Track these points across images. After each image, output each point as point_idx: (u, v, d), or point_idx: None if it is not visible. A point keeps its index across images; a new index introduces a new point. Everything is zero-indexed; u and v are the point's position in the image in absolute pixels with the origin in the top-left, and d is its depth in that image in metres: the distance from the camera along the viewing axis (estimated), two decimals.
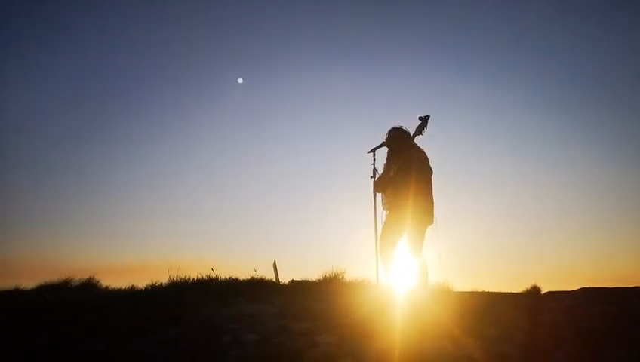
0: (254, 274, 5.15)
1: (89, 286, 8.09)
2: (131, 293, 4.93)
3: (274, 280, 6.42)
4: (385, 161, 6.73)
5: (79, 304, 4.73)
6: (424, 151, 6.33)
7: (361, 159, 7.00)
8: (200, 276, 4.78)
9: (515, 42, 14.51)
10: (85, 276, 8.39)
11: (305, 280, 5.21)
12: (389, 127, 6.75)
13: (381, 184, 6.64)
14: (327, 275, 5.01)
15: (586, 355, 2.57)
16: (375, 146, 6.91)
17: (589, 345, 2.66)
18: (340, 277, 4.99)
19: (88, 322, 3.98)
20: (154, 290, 4.68)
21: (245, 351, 3.01)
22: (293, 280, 6.94)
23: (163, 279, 5.09)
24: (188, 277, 4.76)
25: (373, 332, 3.16)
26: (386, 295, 4.25)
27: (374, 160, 6.93)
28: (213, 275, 4.85)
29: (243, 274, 5.29)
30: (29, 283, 8.08)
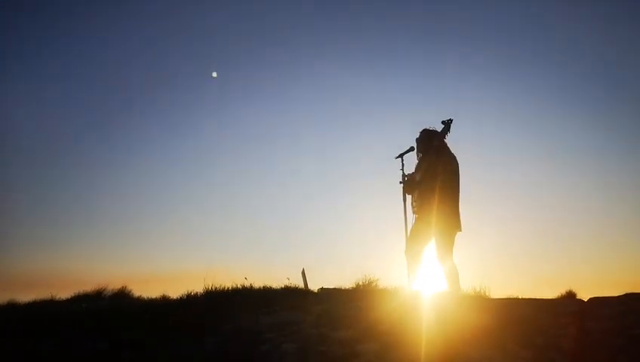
0: (288, 283, 5.13)
1: (121, 296, 8.20)
2: (167, 303, 4.96)
3: (303, 287, 6.39)
4: (417, 163, 6.65)
5: (112, 313, 4.78)
6: (455, 157, 6.24)
7: (391, 164, 6.94)
8: (235, 285, 4.79)
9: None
10: (117, 286, 8.53)
11: (339, 288, 5.15)
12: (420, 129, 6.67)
13: (409, 186, 6.56)
14: (361, 283, 4.95)
15: None
16: (403, 151, 6.85)
17: None
18: (374, 284, 4.93)
19: (120, 332, 4.01)
20: (189, 299, 4.70)
21: (285, 360, 2.98)
22: (322, 288, 6.90)
23: (195, 287, 5.11)
24: (222, 286, 4.77)
25: (415, 341, 3.10)
26: (423, 302, 4.18)
27: (403, 165, 6.86)
28: (247, 284, 4.85)
29: (270, 281, 5.26)
30: (64, 293, 8.25)
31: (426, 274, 6.10)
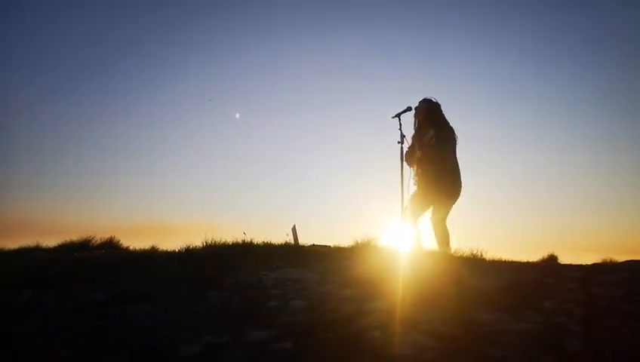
0: (287, 240, 5.11)
1: (110, 246, 8.10)
2: (166, 255, 4.90)
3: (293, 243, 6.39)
4: (413, 133, 6.59)
5: (110, 264, 4.71)
6: (453, 129, 6.19)
7: (388, 124, 6.83)
8: (235, 240, 4.74)
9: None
10: (105, 236, 8.40)
11: (340, 247, 5.17)
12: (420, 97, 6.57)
13: (409, 159, 6.53)
14: (360, 241, 4.96)
15: None
16: (399, 111, 6.75)
17: None
18: (373, 243, 4.94)
19: (125, 284, 3.95)
20: (189, 253, 4.64)
21: (296, 317, 2.97)
22: (314, 245, 6.92)
23: (186, 240, 5.04)
24: (222, 240, 4.72)
25: (424, 301, 3.11)
26: (425, 263, 4.20)
27: (400, 125, 6.79)
28: (247, 239, 4.81)
29: (261, 235, 5.23)
30: (49, 241, 8.11)
31: (423, 235, 6.15)
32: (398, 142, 6.74)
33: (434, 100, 6.50)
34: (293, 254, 4.46)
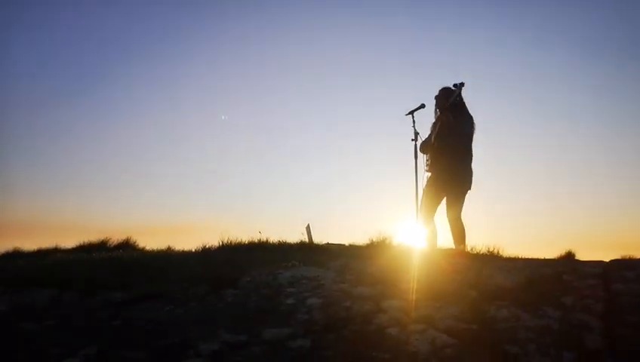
0: (303, 238, 5.13)
1: (127, 247, 8.19)
2: (183, 255, 4.94)
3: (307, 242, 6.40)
4: (434, 121, 6.53)
5: (130, 265, 4.76)
6: (471, 116, 6.11)
7: (402, 122, 6.79)
8: (251, 239, 4.77)
9: None
10: (121, 237, 8.49)
11: (355, 245, 5.17)
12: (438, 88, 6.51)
13: (424, 145, 6.47)
14: (375, 239, 4.96)
15: None
16: (413, 108, 6.70)
17: None
18: (388, 241, 4.93)
19: (143, 283, 4.00)
20: (205, 252, 4.68)
21: (312, 315, 2.97)
22: (328, 244, 6.92)
23: (201, 240, 5.06)
24: (238, 240, 4.75)
25: (441, 298, 3.10)
26: (440, 260, 4.18)
27: (414, 122, 6.73)
28: (262, 238, 4.83)
29: (270, 234, 5.20)
30: (66, 242, 8.22)
31: (438, 231, 6.08)
32: (412, 140, 6.69)
33: (451, 88, 6.42)
34: (308, 252, 4.47)
